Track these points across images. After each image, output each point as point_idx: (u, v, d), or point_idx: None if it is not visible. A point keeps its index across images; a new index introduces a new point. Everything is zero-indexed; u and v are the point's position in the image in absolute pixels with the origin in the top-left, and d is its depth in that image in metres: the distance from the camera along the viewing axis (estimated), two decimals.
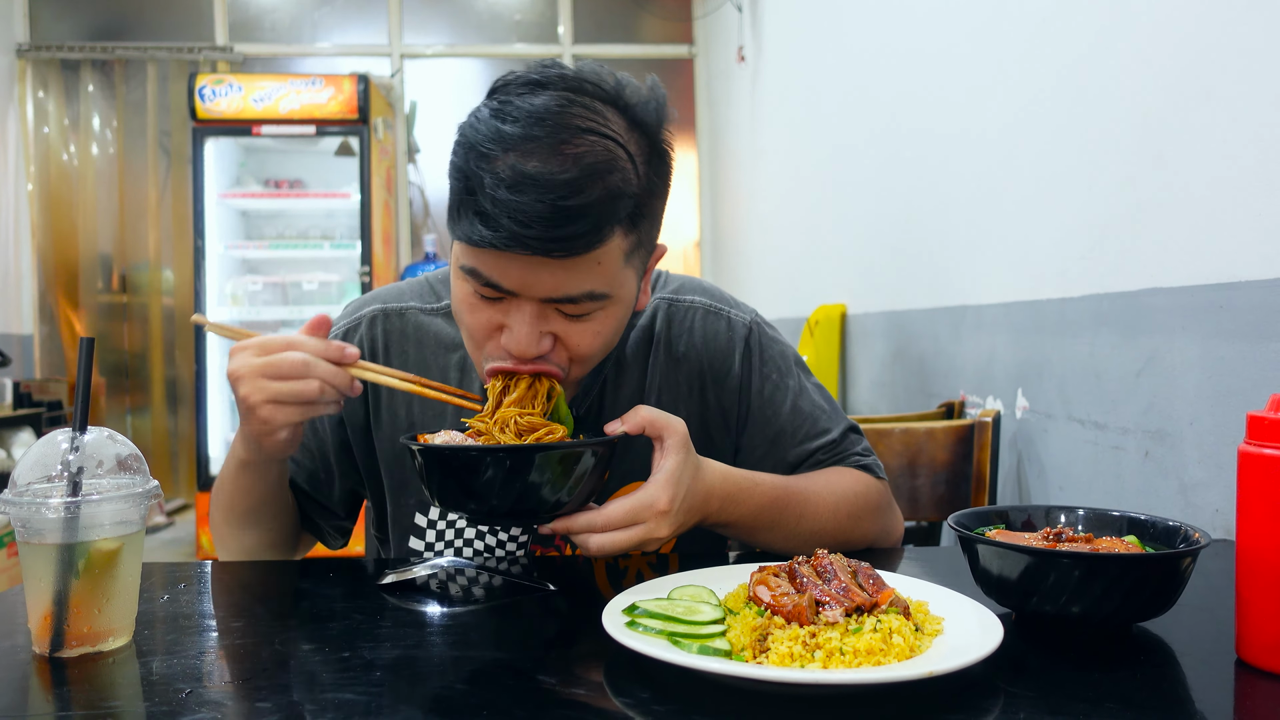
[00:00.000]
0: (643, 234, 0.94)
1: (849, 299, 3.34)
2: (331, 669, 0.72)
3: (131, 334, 5.70)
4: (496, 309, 0.93)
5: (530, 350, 0.92)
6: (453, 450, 0.88)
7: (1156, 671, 0.72)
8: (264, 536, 1.12)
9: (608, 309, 0.94)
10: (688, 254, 6.19)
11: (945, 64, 2.44)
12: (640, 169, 0.90)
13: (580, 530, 0.89)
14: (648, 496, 0.90)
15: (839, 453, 1.16)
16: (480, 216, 0.85)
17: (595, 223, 0.85)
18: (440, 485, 0.89)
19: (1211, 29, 1.40)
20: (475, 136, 0.87)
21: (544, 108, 0.86)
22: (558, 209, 0.83)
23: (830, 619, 0.72)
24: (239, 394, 0.92)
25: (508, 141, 0.85)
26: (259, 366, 0.90)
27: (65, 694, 0.69)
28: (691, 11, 6.02)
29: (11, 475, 0.77)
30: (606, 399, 1.11)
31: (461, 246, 0.92)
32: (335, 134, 4.88)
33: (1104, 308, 1.68)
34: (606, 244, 0.88)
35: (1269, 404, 0.71)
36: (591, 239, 0.86)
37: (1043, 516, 0.91)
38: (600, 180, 0.85)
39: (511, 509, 0.88)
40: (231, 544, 1.12)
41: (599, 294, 0.91)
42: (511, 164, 0.84)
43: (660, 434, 0.93)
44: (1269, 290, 1.27)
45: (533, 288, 0.89)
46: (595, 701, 0.66)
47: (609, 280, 0.91)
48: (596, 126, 0.87)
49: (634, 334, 1.14)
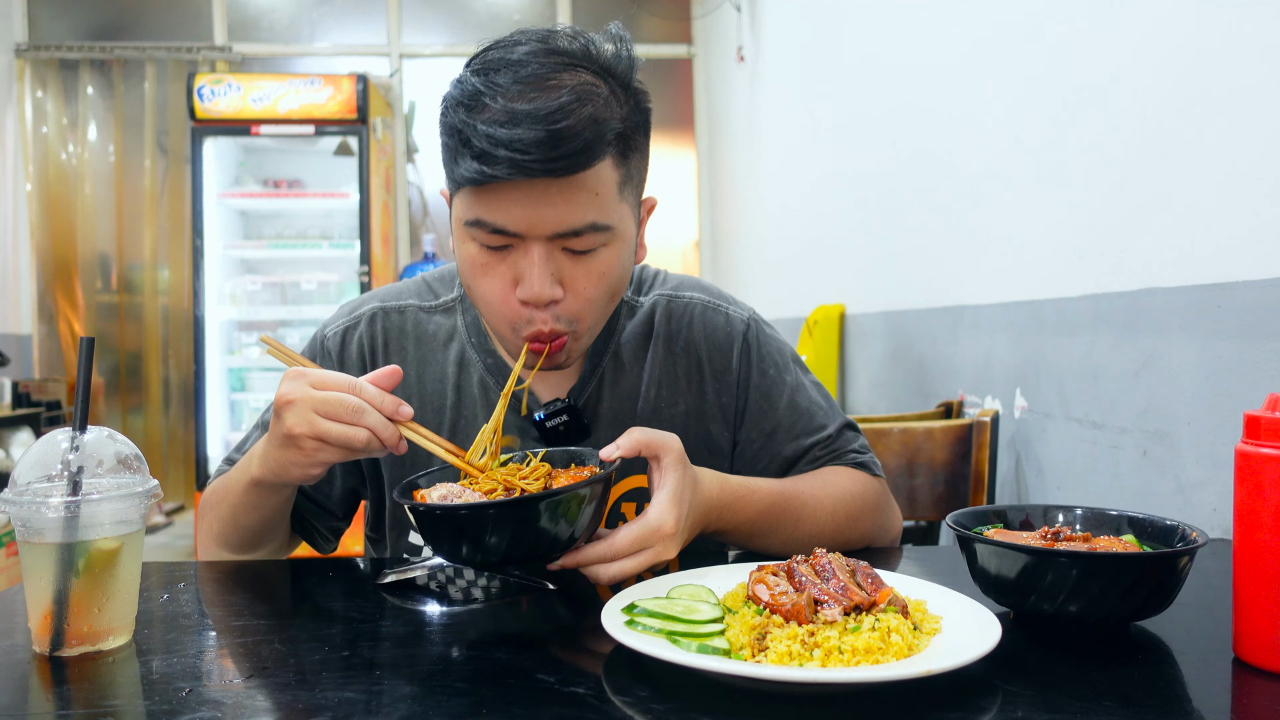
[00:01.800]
0: (632, 168, 0.99)
1: (848, 299, 3.34)
2: (331, 668, 0.72)
3: (130, 334, 5.70)
4: (506, 263, 0.95)
5: (544, 293, 0.94)
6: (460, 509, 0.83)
7: (1154, 670, 0.72)
8: (257, 548, 1.10)
9: (611, 246, 0.97)
10: (686, 254, 6.19)
11: (944, 64, 2.44)
12: (621, 103, 0.95)
13: (591, 562, 0.88)
14: (654, 520, 0.89)
15: (835, 449, 1.16)
16: (480, 157, 0.89)
17: (588, 142, 0.90)
18: (449, 543, 0.85)
19: (1209, 30, 1.40)
20: (464, 91, 0.93)
21: (525, 55, 0.93)
22: (551, 133, 0.87)
23: (829, 618, 0.72)
24: (285, 421, 0.88)
25: (496, 89, 0.90)
26: (313, 401, 0.88)
27: (65, 693, 0.69)
28: (690, 11, 6.03)
29: (11, 474, 0.77)
30: (605, 391, 1.13)
31: (464, 202, 0.95)
32: (334, 134, 4.88)
33: (1102, 308, 1.69)
34: (599, 168, 0.92)
35: (1265, 403, 0.71)
36: (586, 156, 0.90)
37: (1040, 516, 0.91)
38: (587, 105, 0.90)
39: (524, 555, 0.85)
40: (219, 549, 1.10)
41: (601, 225, 0.94)
42: (502, 106, 0.89)
43: (656, 453, 0.92)
44: (1266, 290, 1.27)
45: (537, 225, 0.92)
46: (594, 700, 0.66)
47: (607, 211, 0.95)
48: (574, 64, 0.93)
49: (633, 328, 1.15)
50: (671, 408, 1.14)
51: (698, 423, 1.14)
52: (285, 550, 1.17)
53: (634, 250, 1.04)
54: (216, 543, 1.10)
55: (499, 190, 0.91)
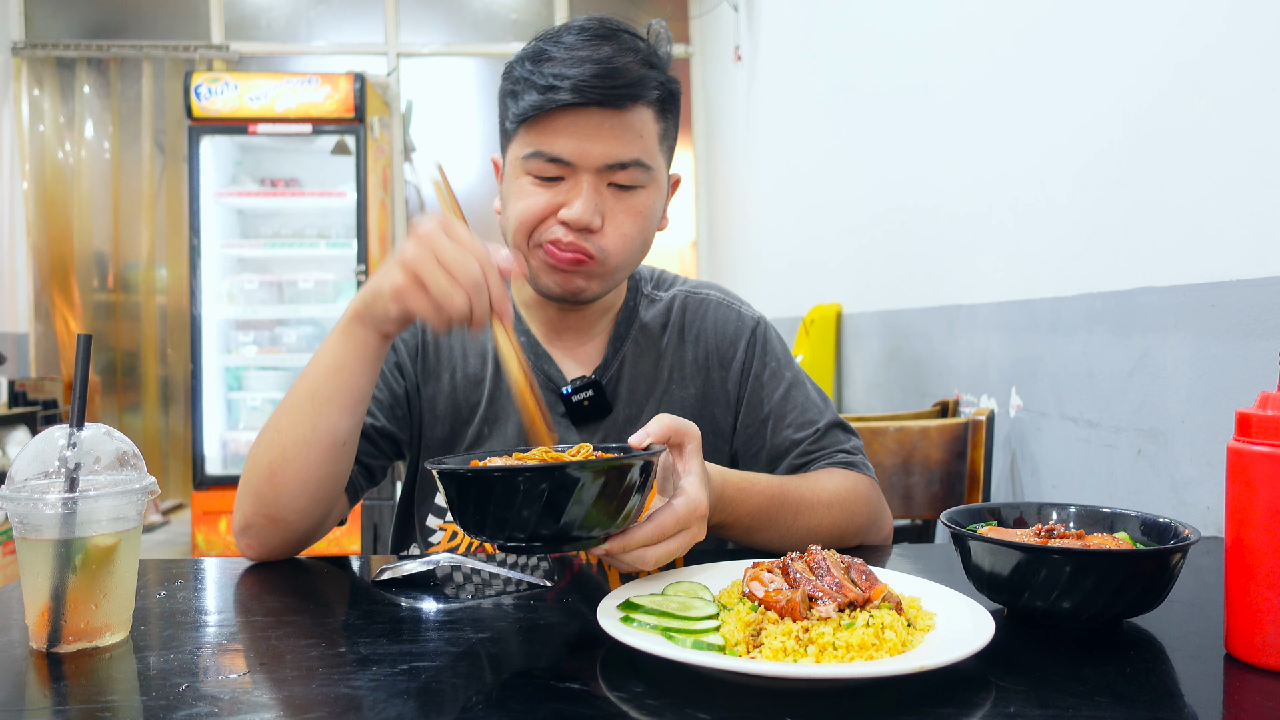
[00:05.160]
0: (669, 128, 1.13)
1: (844, 298, 3.35)
2: (327, 664, 0.73)
3: (126, 332, 5.69)
4: (556, 191, 1.07)
5: (587, 217, 1.05)
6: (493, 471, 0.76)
7: (1146, 666, 0.72)
8: (330, 456, 0.99)
9: (648, 189, 1.10)
10: (684, 254, 6.20)
11: (939, 64, 2.44)
12: (663, 73, 1.10)
13: (639, 545, 0.84)
14: (691, 501, 0.87)
15: (824, 445, 1.20)
16: (543, 89, 1.03)
17: (637, 79, 1.05)
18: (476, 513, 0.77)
19: (1203, 29, 1.41)
20: (527, 51, 1.08)
21: (584, 23, 1.08)
22: (607, 69, 1.03)
23: (823, 614, 0.73)
24: (406, 249, 0.89)
25: (559, 44, 1.06)
26: (443, 246, 0.88)
27: (62, 689, 0.69)
28: (688, 11, 6.03)
29: (9, 471, 0.78)
30: (625, 371, 1.22)
31: (522, 140, 1.08)
32: (331, 133, 4.88)
33: (1097, 307, 1.69)
34: (644, 113, 1.07)
35: (1257, 401, 0.72)
36: (635, 90, 1.05)
37: (1034, 513, 0.92)
38: (635, 55, 1.07)
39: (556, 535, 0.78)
40: (290, 465, 0.98)
41: (644, 163, 1.08)
42: (564, 54, 1.05)
43: (681, 440, 0.92)
44: (1259, 289, 1.28)
45: (589, 155, 1.05)
46: (590, 696, 0.66)
47: (650, 153, 1.09)
48: (625, 32, 1.09)
49: (653, 317, 1.25)
50: (682, 391, 1.22)
51: (704, 407, 1.23)
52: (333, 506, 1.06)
53: (664, 206, 1.16)
54: (276, 464, 0.99)
55: (557, 123, 1.04)
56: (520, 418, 1.06)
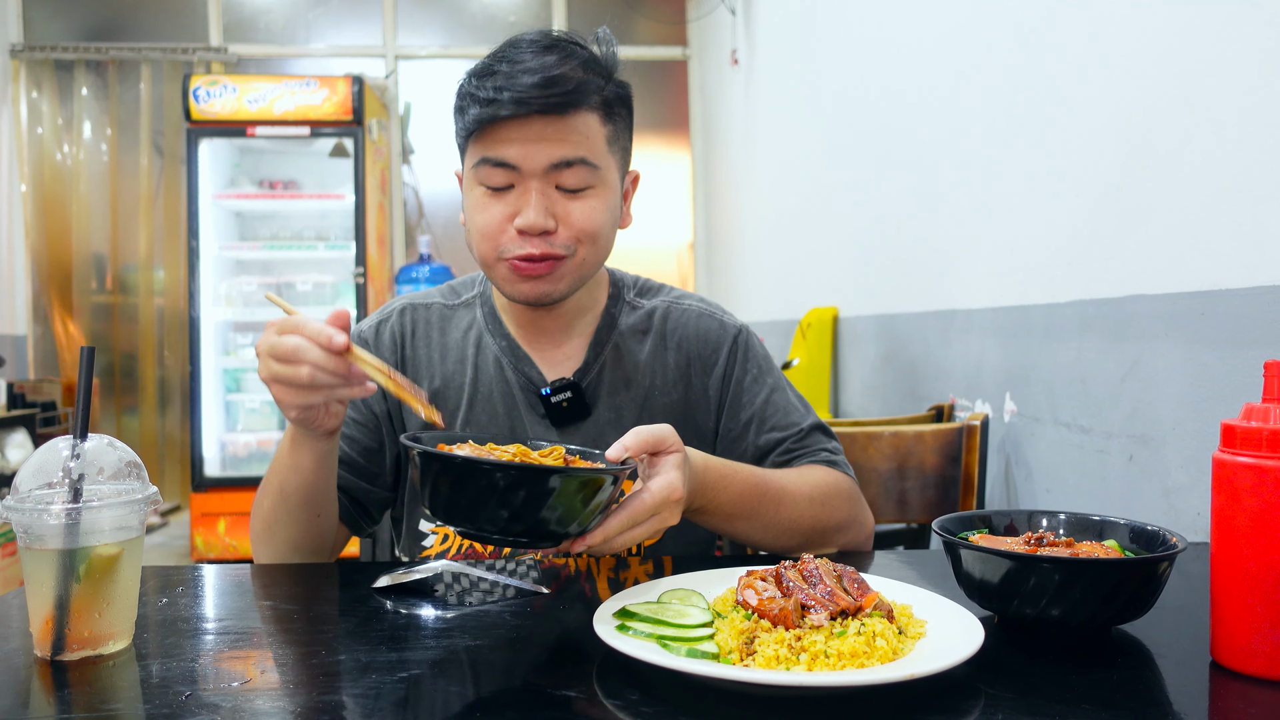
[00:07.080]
0: (618, 130, 1.15)
1: (841, 302, 3.36)
2: (327, 671, 0.74)
3: (125, 334, 5.70)
4: (506, 201, 1.10)
5: (539, 221, 1.08)
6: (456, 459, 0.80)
7: (1133, 673, 0.74)
8: (310, 525, 1.10)
9: (598, 190, 1.12)
10: (681, 256, 6.21)
11: (935, 70, 2.46)
12: (606, 79, 1.12)
13: (615, 534, 0.88)
14: (665, 486, 0.91)
15: (805, 445, 1.22)
16: (486, 102, 1.07)
17: (577, 86, 1.08)
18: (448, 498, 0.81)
19: (1195, 39, 1.42)
20: (476, 68, 1.11)
21: (527, 38, 1.11)
22: (547, 78, 1.06)
23: (815, 622, 0.74)
24: (259, 372, 0.96)
25: (503, 60, 1.09)
26: (268, 346, 0.93)
27: (66, 696, 0.70)
28: (685, 14, 6.04)
29: (13, 482, 0.79)
30: (605, 375, 1.24)
31: (472, 151, 1.12)
32: (330, 135, 4.88)
33: (1090, 313, 1.71)
34: (588, 117, 1.10)
35: (1241, 413, 0.73)
36: (575, 97, 1.07)
37: (1025, 521, 0.93)
38: (577, 61, 1.09)
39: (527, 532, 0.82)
40: (278, 533, 1.11)
41: (590, 162, 1.10)
42: (506, 69, 1.08)
43: (657, 449, 0.95)
44: (1248, 298, 1.29)
45: (534, 156, 1.08)
46: (586, 703, 0.68)
47: (596, 153, 1.11)
48: (567, 41, 1.11)
49: (634, 324, 1.27)
50: (664, 396, 1.24)
51: (686, 412, 1.25)
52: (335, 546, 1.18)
53: (619, 209, 1.18)
54: (268, 530, 1.11)
55: (502, 131, 1.08)
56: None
